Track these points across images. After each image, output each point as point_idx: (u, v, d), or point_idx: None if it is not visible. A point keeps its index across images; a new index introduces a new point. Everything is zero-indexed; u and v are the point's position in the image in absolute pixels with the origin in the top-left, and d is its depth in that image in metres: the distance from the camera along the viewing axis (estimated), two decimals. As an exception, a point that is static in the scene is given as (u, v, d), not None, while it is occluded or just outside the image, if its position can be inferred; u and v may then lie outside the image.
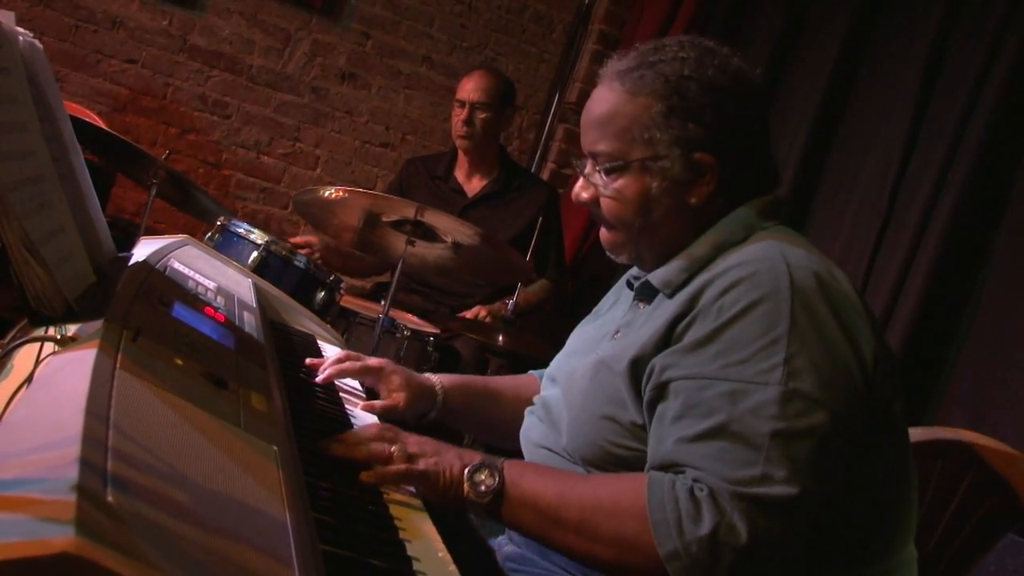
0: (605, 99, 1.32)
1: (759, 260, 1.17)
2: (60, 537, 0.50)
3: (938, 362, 2.86)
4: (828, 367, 1.10)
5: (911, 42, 3.19)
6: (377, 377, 1.61)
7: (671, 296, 1.25)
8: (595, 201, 1.34)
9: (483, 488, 1.16)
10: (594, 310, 1.61)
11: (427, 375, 1.65)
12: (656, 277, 1.29)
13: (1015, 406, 2.47)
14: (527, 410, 1.51)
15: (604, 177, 1.31)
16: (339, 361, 1.58)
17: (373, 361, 1.62)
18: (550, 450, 1.34)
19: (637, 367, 1.20)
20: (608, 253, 1.39)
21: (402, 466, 1.16)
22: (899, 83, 3.17)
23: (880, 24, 3.43)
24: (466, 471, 1.18)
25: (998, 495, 1.71)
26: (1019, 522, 1.79)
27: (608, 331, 1.40)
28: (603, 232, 1.38)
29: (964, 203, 2.82)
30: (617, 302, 1.53)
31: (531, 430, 1.44)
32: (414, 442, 1.22)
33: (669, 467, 1.12)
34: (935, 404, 2.78)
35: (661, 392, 1.16)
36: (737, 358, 1.11)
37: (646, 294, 1.34)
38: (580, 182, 1.36)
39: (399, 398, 1.57)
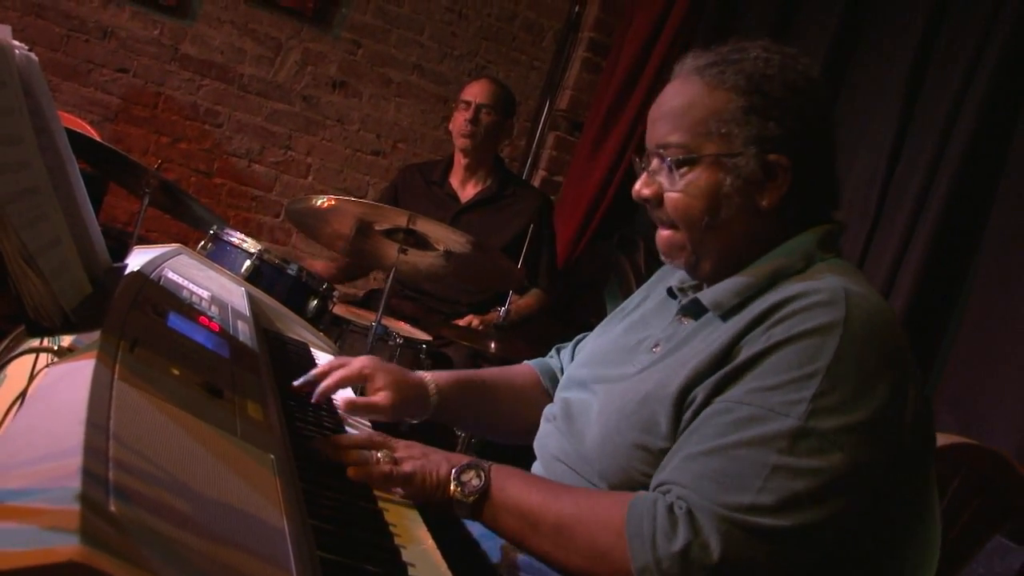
0: (681, 91, 1.28)
1: (819, 293, 1.13)
2: (66, 546, 0.51)
3: (926, 365, 2.88)
4: (860, 413, 1.06)
5: (897, 45, 3.22)
6: (363, 379, 1.55)
7: (723, 319, 1.22)
8: (657, 198, 1.29)
9: (468, 488, 1.18)
10: (620, 307, 1.58)
11: (420, 373, 1.60)
12: (708, 297, 1.26)
13: (1002, 409, 2.49)
14: (544, 415, 1.49)
15: (672, 171, 1.26)
16: (325, 374, 1.50)
17: (357, 363, 1.54)
18: (567, 465, 1.32)
19: (684, 395, 1.17)
20: (663, 256, 1.34)
21: (387, 468, 1.18)
22: (886, 86, 3.20)
23: (867, 27, 3.46)
24: (453, 471, 1.19)
25: (986, 497, 1.73)
26: (1007, 524, 1.81)
27: (643, 340, 1.37)
28: (662, 233, 1.32)
29: (951, 207, 2.84)
30: (646, 301, 1.50)
31: (549, 439, 1.41)
32: (402, 446, 1.24)
33: (662, 484, 1.11)
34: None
35: (695, 417, 1.15)
36: (767, 384, 1.09)
37: (692, 310, 1.30)
38: (642, 178, 1.31)
39: (383, 396, 1.51)
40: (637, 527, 1.06)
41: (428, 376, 1.59)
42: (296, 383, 1.48)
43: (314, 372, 1.51)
